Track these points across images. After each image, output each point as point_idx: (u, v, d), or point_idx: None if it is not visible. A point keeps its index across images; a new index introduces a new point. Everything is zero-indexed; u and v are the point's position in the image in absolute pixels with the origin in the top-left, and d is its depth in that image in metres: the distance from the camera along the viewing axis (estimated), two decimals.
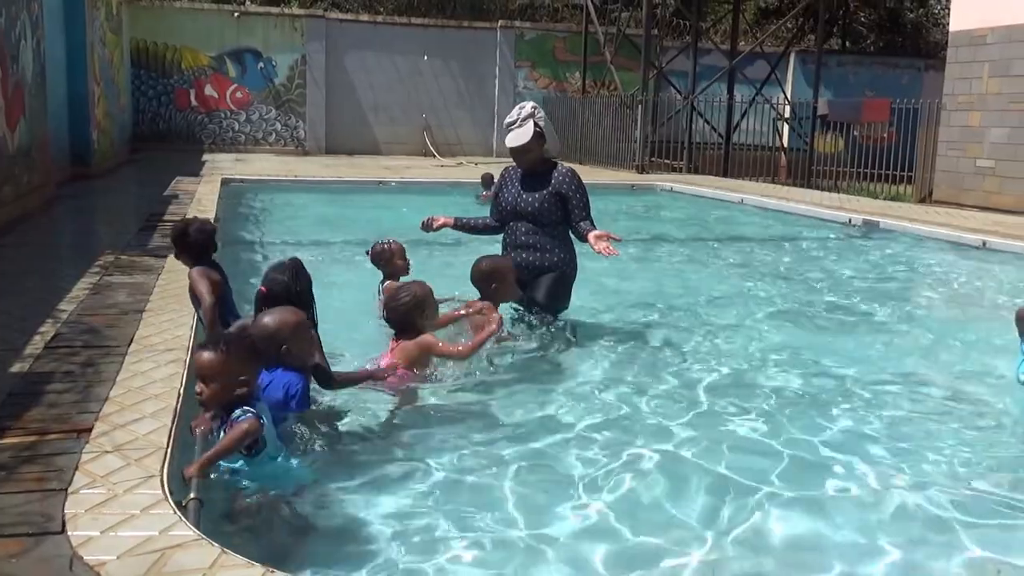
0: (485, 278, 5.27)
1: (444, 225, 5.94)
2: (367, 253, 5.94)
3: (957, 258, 9.46)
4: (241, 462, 3.17)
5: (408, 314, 4.66)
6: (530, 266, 5.65)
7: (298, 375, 3.75)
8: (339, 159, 20.72)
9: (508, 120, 5.73)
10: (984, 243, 9.46)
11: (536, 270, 5.66)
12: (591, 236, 5.49)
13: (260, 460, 3.21)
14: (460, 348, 4.71)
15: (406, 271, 5.75)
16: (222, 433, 3.13)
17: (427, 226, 5.92)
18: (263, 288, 4.21)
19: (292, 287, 4.22)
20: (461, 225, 6.05)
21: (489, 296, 5.23)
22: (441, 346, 4.70)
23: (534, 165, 5.74)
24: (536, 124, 5.62)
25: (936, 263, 9.43)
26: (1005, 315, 4.51)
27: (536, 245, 5.67)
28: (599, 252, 5.40)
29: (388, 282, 5.62)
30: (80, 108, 13.68)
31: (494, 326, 4.73)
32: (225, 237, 9.15)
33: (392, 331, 4.77)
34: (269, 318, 3.84)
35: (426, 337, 4.66)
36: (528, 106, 5.77)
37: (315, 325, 4.22)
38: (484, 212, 6.35)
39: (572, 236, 5.81)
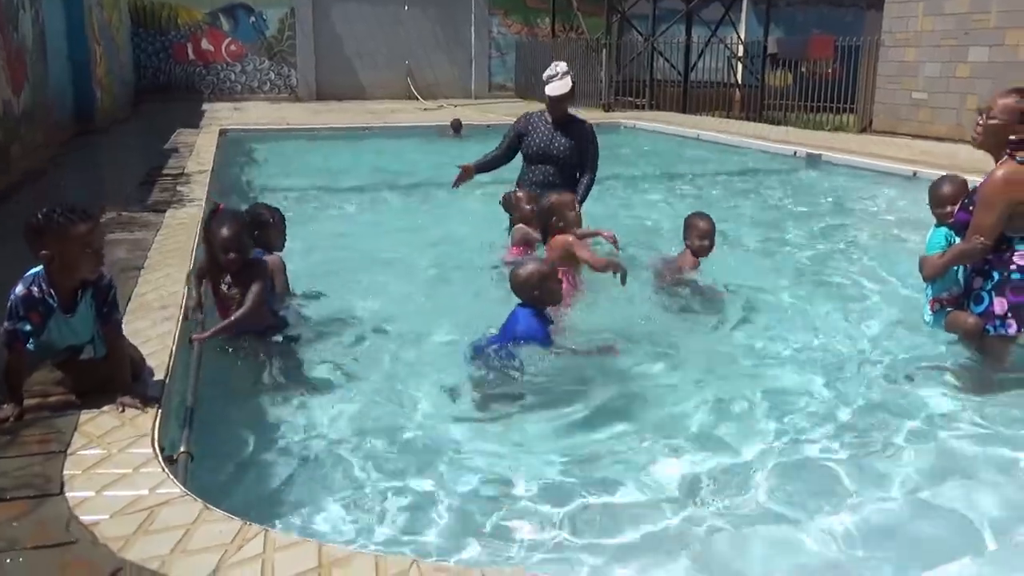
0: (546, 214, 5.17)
1: (471, 171, 6.26)
2: (500, 202, 6.17)
3: (890, 188, 9.45)
4: None
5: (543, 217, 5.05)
6: None
7: (540, 323, 4.12)
8: (329, 104, 20.35)
9: (549, 74, 6.07)
10: (915, 173, 9.43)
11: None
12: None
13: None
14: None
15: (532, 215, 5.82)
16: None
17: (464, 178, 6.24)
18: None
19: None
20: (480, 167, 6.31)
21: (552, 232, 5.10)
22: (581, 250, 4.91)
23: (565, 114, 6.12)
24: (572, 79, 6.07)
25: (871, 192, 9.43)
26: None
27: (559, 185, 5.95)
28: None
29: (518, 226, 5.84)
30: (82, 69, 13.30)
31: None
32: (223, 185, 9.09)
33: None
34: (524, 269, 4.22)
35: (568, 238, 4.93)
36: (563, 64, 6.17)
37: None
38: (455, 147, 6.45)
39: None
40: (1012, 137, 3.93)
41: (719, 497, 3.18)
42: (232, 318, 4.09)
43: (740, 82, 20.54)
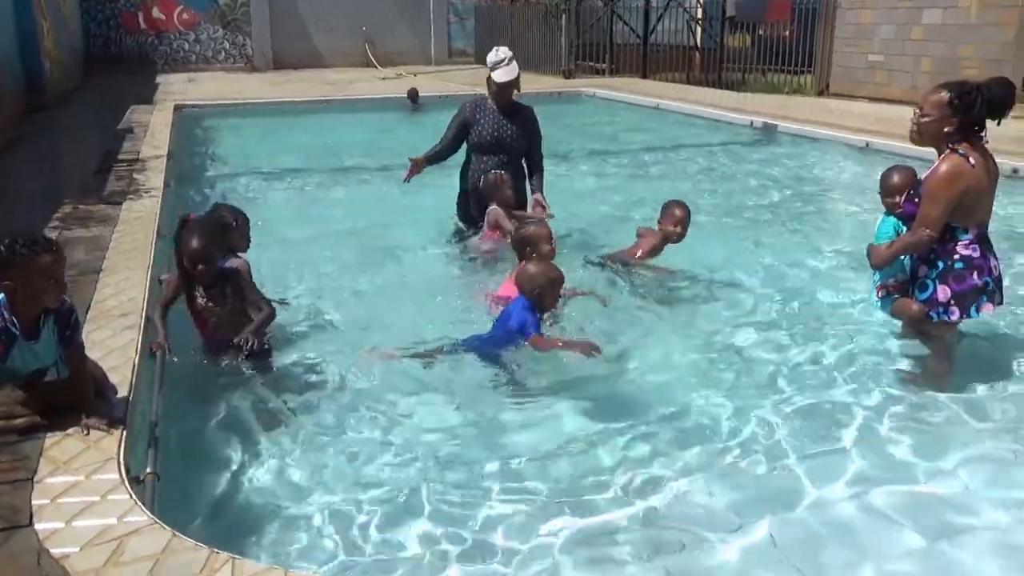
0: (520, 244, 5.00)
1: (421, 164, 6.14)
2: (480, 185, 6.09)
3: (844, 159, 9.62)
4: None
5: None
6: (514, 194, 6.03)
7: (533, 316, 4.19)
8: (287, 74, 20.02)
9: (496, 59, 6.03)
10: (867, 144, 9.60)
11: (519, 197, 6.09)
12: (533, 197, 6.06)
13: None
14: None
15: (512, 200, 5.94)
16: None
17: (415, 171, 6.13)
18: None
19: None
20: (430, 159, 6.20)
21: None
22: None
23: (510, 101, 6.09)
24: (517, 65, 6.04)
25: (825, 163, 9.60)
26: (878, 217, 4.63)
27: (516, 174, 6.05)
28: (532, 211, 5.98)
29: (494, 207, 5.87)
30: (30, 44, 13.00)
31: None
32: (179, 171, 8.97)
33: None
34: (534, 267, 4.36)
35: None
36: (506, 49, 6.12)
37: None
38: (413, 118, 6.35)
39: None
40: (947, 130, 4.05)
41: (682, 494, 3.31)
42: (255, 325, 4.01)
43: (699, 45, 20.52)
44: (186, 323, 4.23)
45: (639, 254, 5.57)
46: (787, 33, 17.10)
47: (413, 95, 14.27)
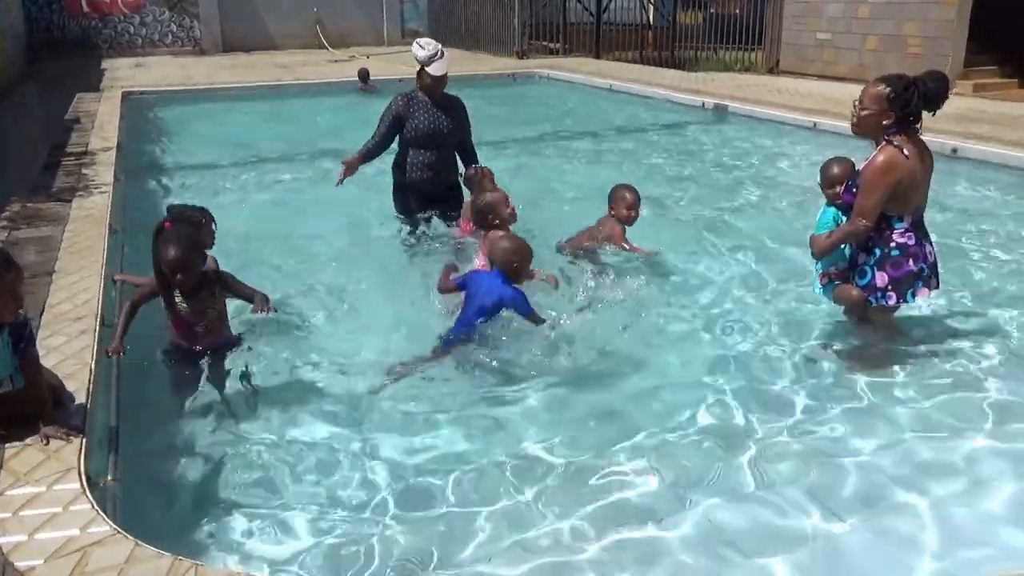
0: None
1: (355, 165, 6.12)
2: (463, 178, 6.22)
3: (791, 140, 9.82)
4: None
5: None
6: (449, 185, 6.21)
7: (520, 293, 4.31)
8: (236, 58, 19.73)
9: (429, 53, 5.99)
10: (815, 124, 9.81)
11: (454, 187, 6.27)
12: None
13: None
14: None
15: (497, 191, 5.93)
16: None
17: (348, 173, 6.11)
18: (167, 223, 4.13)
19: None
20: (364, 158, 6.19)
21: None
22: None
23: (442, 92, 6.11)
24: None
25: (773, 146, 9.76)
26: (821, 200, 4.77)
27: (447, 166, 6.18)
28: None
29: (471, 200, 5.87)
30: None
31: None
32: (130, 164, 8.87)
33: None
34: (509, 242, 4.43)
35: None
36: (433, 40, 6.11)
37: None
38: (367, 101, 6.38)
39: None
40: (885, 122, 4.21)
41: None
42: (261, 299, 4.03)
43: (652, 23, 20.65)
44: (146, 326, 4.21)
45: (615, 240, 5.63)
46: (738, 11, 17.30)
47: (364, 75, 14.21)
